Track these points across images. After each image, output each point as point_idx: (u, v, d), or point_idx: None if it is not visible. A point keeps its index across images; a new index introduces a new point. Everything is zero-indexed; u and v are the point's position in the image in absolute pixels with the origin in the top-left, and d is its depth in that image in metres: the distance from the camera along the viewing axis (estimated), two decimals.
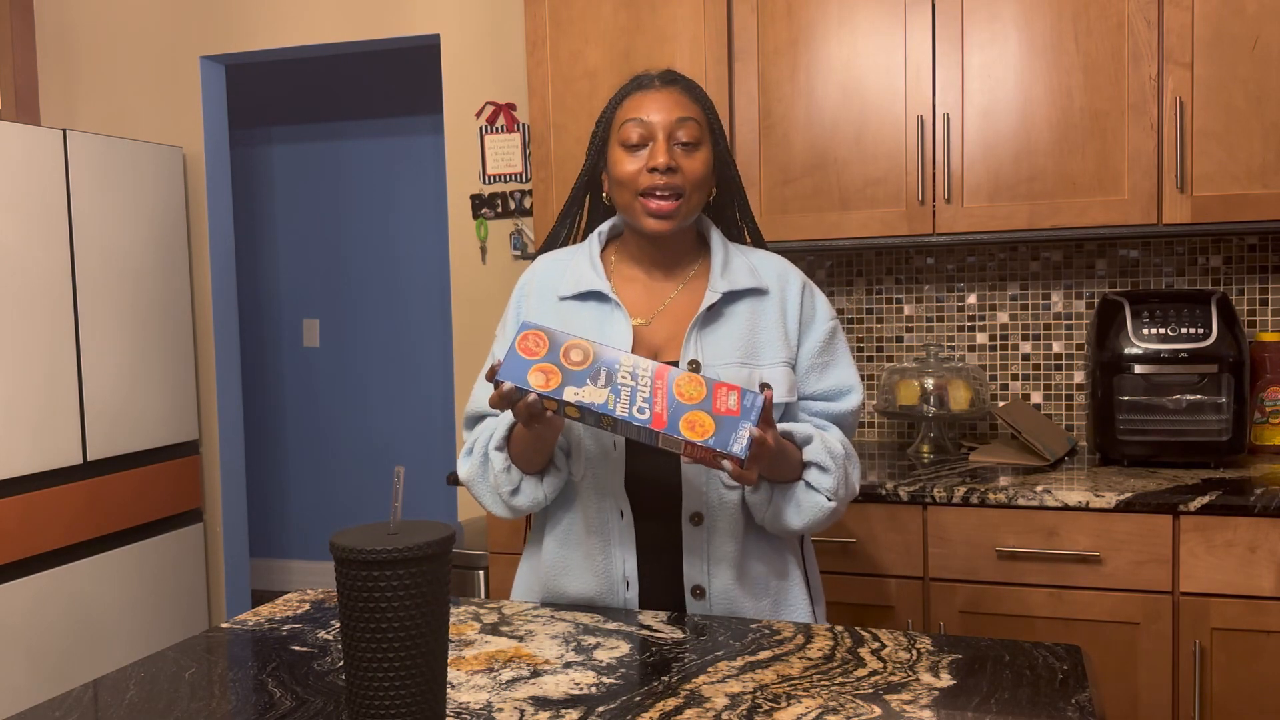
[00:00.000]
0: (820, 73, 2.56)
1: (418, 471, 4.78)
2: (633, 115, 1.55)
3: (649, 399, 1.29)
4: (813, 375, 1.59)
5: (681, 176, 1.52)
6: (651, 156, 1.52)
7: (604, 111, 1.61)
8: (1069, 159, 2.41)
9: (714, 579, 1.53)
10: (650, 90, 1.56)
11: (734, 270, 1.58)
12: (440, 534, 1.04)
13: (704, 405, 1.29)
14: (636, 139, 1.53)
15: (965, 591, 2.23)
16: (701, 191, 1.56)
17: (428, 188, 4.72)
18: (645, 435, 1.30)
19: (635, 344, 1.55)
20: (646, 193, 1.52)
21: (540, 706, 1.16)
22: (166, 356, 3.53)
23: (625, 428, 1.30)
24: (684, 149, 1.53)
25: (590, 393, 1.30)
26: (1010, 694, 1.17)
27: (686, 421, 1.28)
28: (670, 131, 1.53)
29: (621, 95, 1.59)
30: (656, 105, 1.54)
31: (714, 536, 1.53)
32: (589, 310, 1.58)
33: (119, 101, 3.69)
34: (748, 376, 1.52)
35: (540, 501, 1.55)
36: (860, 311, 2.92)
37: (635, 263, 1.63)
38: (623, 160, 1.54)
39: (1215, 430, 2.30)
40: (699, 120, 1.56)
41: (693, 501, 1.52)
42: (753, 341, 1.55)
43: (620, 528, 1.54)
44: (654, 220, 1.53)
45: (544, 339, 1.33)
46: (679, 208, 1.53)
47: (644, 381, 1.30)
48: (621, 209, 1.58)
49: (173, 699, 1.21)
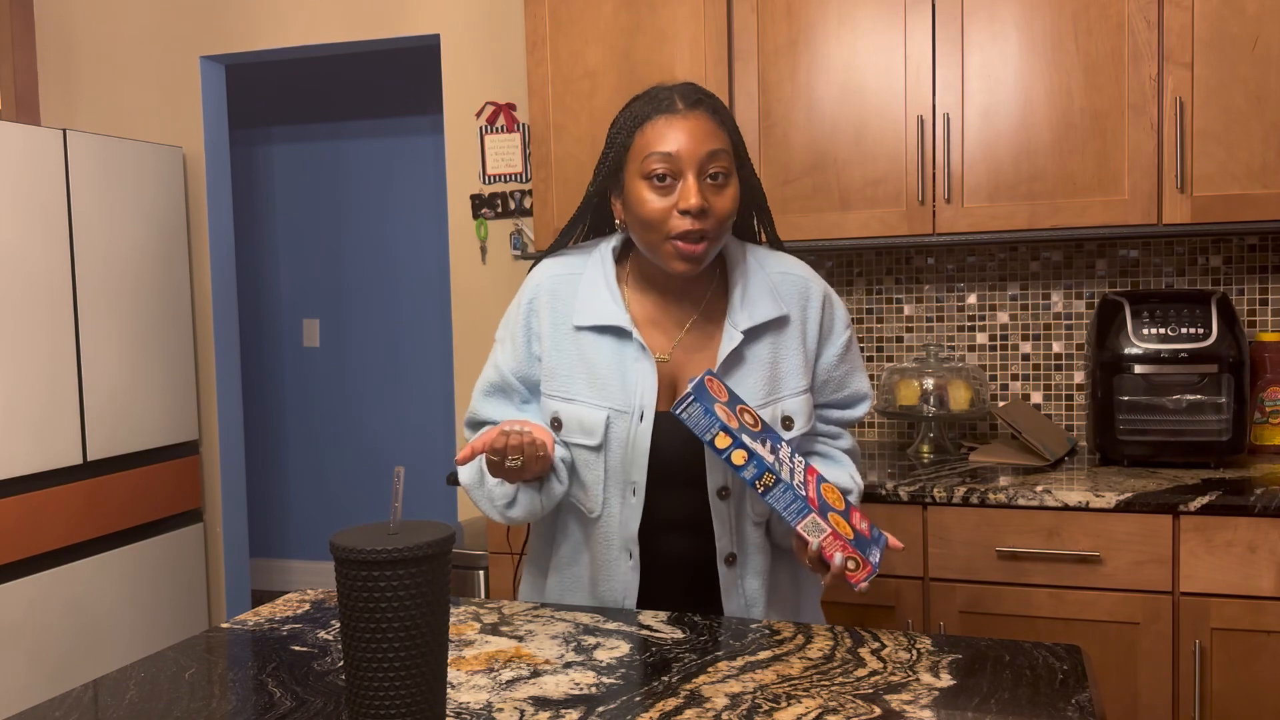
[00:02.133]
0: (820, 73, 2.56)
1: (417, 472, 4.78)
2: (658, 148, 1.41)
3: (803, 483, 1.39)
4: (830, 386, 1.59)
5: (713, 218, 1.42)
6: (683, 197, 1.40)
7: (618, 131, 1.48)
8: (1069, 159, 2.41)
9: (752, 609, 1.55)
10: (674, 116, 1.43)
11: (754, 298, 1.51)
12: (440, 534, 1.04)
13: (844, 514, 1.42)
14: (662, 173, 1.41)
15: (965, 591, 2.23)
16: (728, 227, 1.46)
17: (428, 188, 4.72)
18: (794, 508, 1.37)
19: (658, 384, 1.50)
20: (676, 236, 1.42)
21: (540, 706, 1.16)
22: (166, 356, 3.53)
23: (779, 494, 1.36)
24: (713, 183, 1.42)
25: (761, 449, 1.37)
26: (1010, 694, 1.17)
27: (833, 518, 1.39)
28: (701, 166, 1.41)
29: (640, 119, 1.45)
30: (685, 136, 1.41)
31: (747, 573, 1.55)
32: (607, 345, 1.50)
33: (119, 101, 3.68)
34: (771, 414, 1.50)
35: (537, 512, 1.52)
36: (860, 311, 2.92)
37: (649, 285, 1.54)
38: (647, 199, 1.42)
39: (1215, 430, 2.30)
40: (728, 149, 1.44)
41: (726, 545, 1.52)
42: (775, 376, 1.51)
43: (627, 566, 1.53)
44: (681, 263, 1.43)
45: (724, 391, 1.41)
46: (708, 249, 1.43)
47: (799, 469, 1.41)
48: (643, 246, 1.48)
49: (173, 699, 1.21)
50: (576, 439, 1.50)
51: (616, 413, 1.48)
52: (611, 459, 1.49)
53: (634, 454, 1.48)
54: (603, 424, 1.48)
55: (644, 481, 1.49)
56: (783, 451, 1.42)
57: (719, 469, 1.49)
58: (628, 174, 1.47)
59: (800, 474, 1.41)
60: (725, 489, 1.50)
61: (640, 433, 1.47)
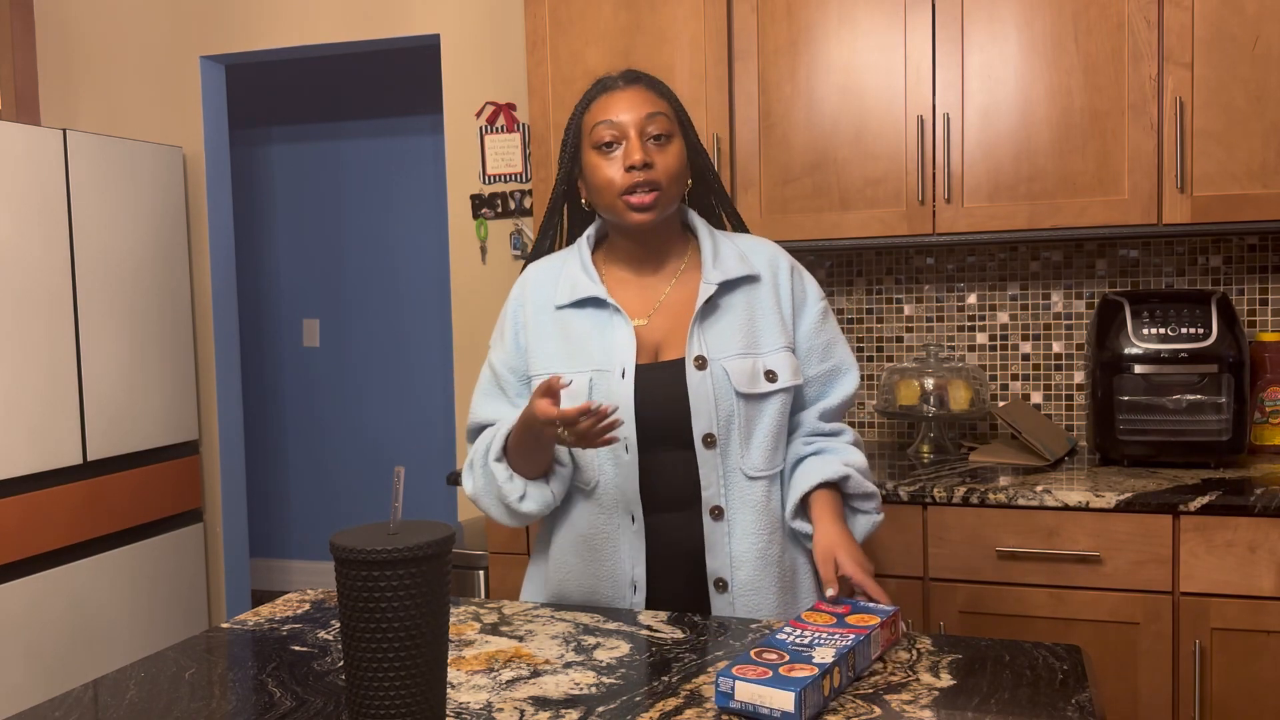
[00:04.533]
0: (820, 73, 2.56)
1: (418, 471, 4.78)
2: (602, 118, 1.56)
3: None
4: (814, 357, 1.62)
5: (658, 170, 1.54)
6: (626, 155, 1.54)
7: (571, 119, 1.63)
8: (1069, 159, 2.41)
9: (737, 571, 1.54)
10: (615, 91, 1.58)
11: (724, 259, 1.60)
12: (440, 534, 1.04)
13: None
14: (609, 139, 1.55)
15: (965, 591, 2.23)
16: (678, 183, 1.58)
17: (427, 188, 4.72)
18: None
19: (637, 345, 1.55)
20: (626, 191, 1.54)
21: (540, 706, 1.16)
22: (166, 356, 3.53)
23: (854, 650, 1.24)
24: (656, 144, 1.55)
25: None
26: (1010, 694, 1.17)
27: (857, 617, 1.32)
28: (641, 128, 1.55)
29: (587, 100, 1.61)
30: (624, 104, 1.56)
31: (735, 530, 1.55)
32: (587, 317, 1.59)
33: (119, 101, 3.68)
34: (752, 366, 1.55)
35: (550, 503, 1.56)
36: (860, 311, 2.92)
37: (624, 263, 1.64)
38: (599, 165, 1.56)
39: (1215, 430, 2.30)
40: (667, 114, 1.58)
41: (713, 495, 1.54)
42: (752, 330, 1.57)
43: (630, 532, 1.55)
44: (636, 214, 1.54)
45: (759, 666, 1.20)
46: (658, 199, 1.55)
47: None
48: (603, 210, 1.59)
49: (173, 699, 1.21)
50: (565, 406, 1.53)
51: (599, 373, 1.55)
52: None
53: (619, 409, 1.53)
54: (586, 386, 1.55)
55: (634, 438, 1.53)
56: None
57: (704, 417, 1.53)
58: (584, 152, 1.59)
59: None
60: (711, 436, 1.53)
61: (623, 388, 1.53)
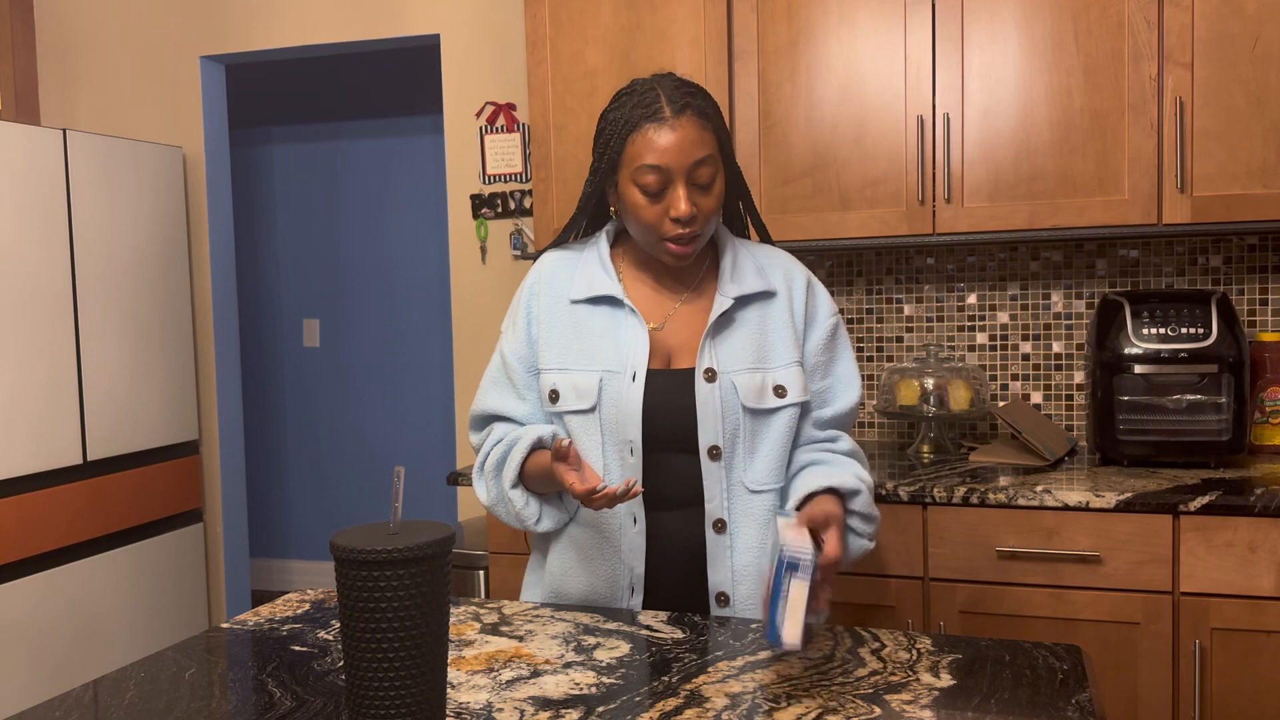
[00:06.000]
0: (820, 73, 2.56)
1: (418, 471, 4.78)
2: (648, 160, 1.49)
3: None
4: (817, 373, 1.62)
5: (700, 219, 1.52)
6: (673, 206, 1.50)
7: (608, 135, 1.54)
8: (1069, 159, 2.41)
9: (738, 585, 1.54)
10: (663, 124, 1.49)
11: (742, 273, 1.60)
12: (440, 534, 1.04)
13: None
14: (654, 183, 1.50)
15: (965, 591, 2.23)
16: (717, 218, 1.56)
17: (427, 188, 4.72)
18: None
19: (650, 349, 1.55)
20: (669, 238, 1.52)
21: (540, 706, 1.16)
22: (166, 356, 3.53)
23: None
24: (700, 189, 1.52)
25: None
26: (1010, 694, 1.17)
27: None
28: (689, 175, 1.50)
29: (630, 125, 1.51)
30: (674, 147, 1.48)
31: (737, 544, 1.54)
32: (601, 315, 1.58)
33: (119, 101, 3.68)
34: (761, 380, 1.54)
35: (563, 520, 1.58)
36: (860, 311, 2.92)
37: (644, 267, 1.63)
38: (641, 205, 1.52)
39: (1215, 430, 2.30)
40: (714, 151, 1.53)
41: (716, 508, 1.53)
42: (764, 345, 1.57)
43: (632, 533, 1.54)
44: (675, 258, 1.54)
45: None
46: (699, 244, 1.54)
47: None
48: (638, 237, 1.57)
49: (173, 699, 1.21)
50: (572, 405, 1.55)
51: (609, 374, 1.54)
52: (605, 418, 1.53)
53: (627, 412, 1.52)
54: (596, 386, 1.54)
55: (640, 441, 1.52)
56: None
57: (710, 429, 1.53)
58: (620, 178, 1.55)
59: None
60: (716, 448, 1.53)
61: (632, 391, 1.52)
